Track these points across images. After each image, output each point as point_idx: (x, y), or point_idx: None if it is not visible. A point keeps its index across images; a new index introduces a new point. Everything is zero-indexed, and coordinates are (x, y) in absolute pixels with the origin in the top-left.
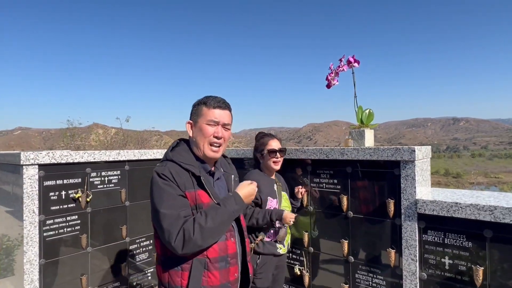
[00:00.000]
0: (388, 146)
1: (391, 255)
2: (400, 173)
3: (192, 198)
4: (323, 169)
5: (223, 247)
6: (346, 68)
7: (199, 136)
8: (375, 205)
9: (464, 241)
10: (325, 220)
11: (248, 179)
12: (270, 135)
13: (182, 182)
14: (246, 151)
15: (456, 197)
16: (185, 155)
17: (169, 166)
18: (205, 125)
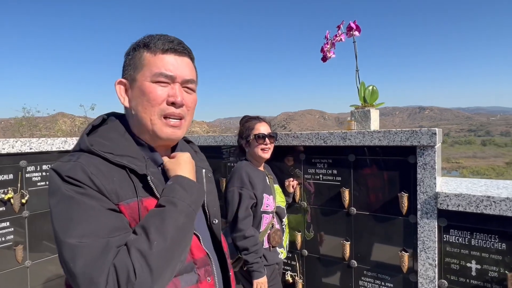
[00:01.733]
0: (402, 129)
1: (403, 259)
2: (416, 161)
3: (132, 213)
4: (320, 158)
5: None
6: (344, 37)
7: (141, 105)
8: (384, 200)
9: (496, 242)
10: (322, 218)
11: (237, 173)
12: (257, 118)
13: (112, 188)
14: (225, 137)
15: (482, 188)
16: (116, 140)
17: (84, 162)
18: (150, 84)
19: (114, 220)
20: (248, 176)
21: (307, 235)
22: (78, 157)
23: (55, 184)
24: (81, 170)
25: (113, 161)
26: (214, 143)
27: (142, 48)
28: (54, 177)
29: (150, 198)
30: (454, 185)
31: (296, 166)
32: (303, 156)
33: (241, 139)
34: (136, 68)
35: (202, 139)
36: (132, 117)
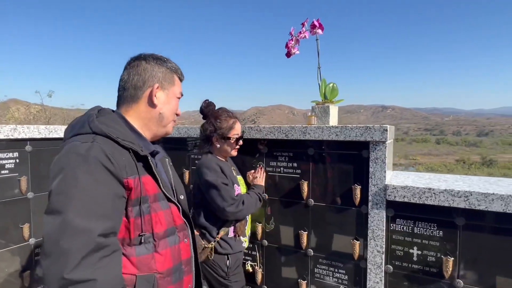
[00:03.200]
0: (357, 125)
1: (355, 247)
2: (369, 156)
3: (135, 187)
4: (281, 151)
5: (176, 252)
6: (308, 34)
7: (168, 110)
8: (340, 192)
9: (434, 230)
10: (282, 209)
11: (206, 166)
12: (233, 116)
13: (123, 165)
14: (189, 129)
15: (426, 181)
16: (119, 128)
17: (100, 143)
18: (176, 99)
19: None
20: (221, 168)
21: (267, 226)
22: (94, 138)
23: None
24: (101, 151)
25: (122, 144)
26: (178, 135)
27: (174, 72)
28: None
29: (147, 176)
30: (402, 178)
31: (258, 159)
32: (265, 150)
33: (216, 134)
34: (170, 83)
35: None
36: (153, 115)
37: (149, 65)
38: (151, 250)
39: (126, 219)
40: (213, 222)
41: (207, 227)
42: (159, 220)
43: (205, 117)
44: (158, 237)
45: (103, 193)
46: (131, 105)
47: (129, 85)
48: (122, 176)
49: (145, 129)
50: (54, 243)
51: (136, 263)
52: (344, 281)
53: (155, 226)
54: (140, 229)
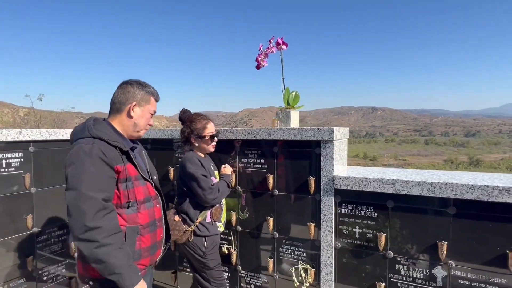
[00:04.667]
0: (311, 127)
1: (311, 229)
2: (320, 152)
3: (122, 171)
4: (251, 150)
5: (152, 213)
6: (275, 50)
7: (141, 121)
8: (299, 183)
9: (371, 212)
10: (252, 199)
11: (189, 160)
12: (205, 117)
13: (113, 157)
14: (173, 131)
15: (367, 173)
16: (108, 133)
17: (98, 143)
18: (149, 114)
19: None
20: (200, 162)
21: (241, 215)
22: (94, 141)
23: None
24: (98, 149)
25: (111, 143)
26: (163, 136)
27: (151, 95)
28: (83, 150)
29: (129, 164)
30: (352, 171)
31: (233, 157)
32: (238, 148)
33: (193, 135)
34: (146, 102)
35: (152, 133)
36: (129, 123)
37: (132, 88)
38: (135, 210)
39: (118, 191)
40: (193, 209)
41: (188, 213)
42: (139, 192)
43: (183, 122)
44: (139, 203)
45: (102, 175)
46: (116, 115)
47: (116, 100)
48: (113, 164)
49: (124, 132)
50: (75, 207)
51: (126, 218)
52: (302, 258)
53: (137, 196)
54: (127, 198)
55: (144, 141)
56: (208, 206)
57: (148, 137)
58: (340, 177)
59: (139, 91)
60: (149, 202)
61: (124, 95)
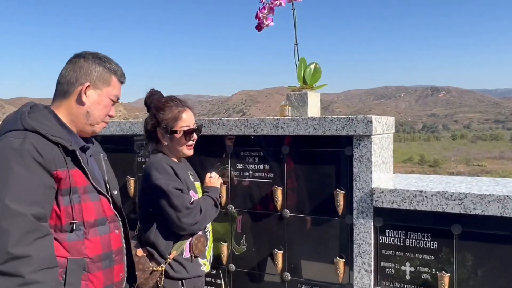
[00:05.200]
0: (339, 116)
1: (339, 267)
2: (352, 153)
3: (64, 178)
4: (250, 150)
5: (107, 241)
6: (284, 1)
7: (97, 110)
8: (320, 199)
9: (429, 241)
10: (252, 224)
11: (155, 167)
12: (180, 103)
13: (52, 158)
14: (134, 125)
15: (422, 184)
16: (49, 124)
17: (32, 139)
18: (109, 101)
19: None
20: (172, 169)
21: (236, 248)
22: (26, 135)
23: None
24: (31, 146)
25: (51, 139)
26: (119, 131)
27: (112, 72)
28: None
29: (75, 169)
30: (400, 180)
31: (222, 161)
32: (231, 149)
33: (160, 128)
34: (104, 84)
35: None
36: (79, 112)
37: (86, 63)
38: (81, 236)
39: (57, 207)
40: (164, 239)
41: (156, 245)
42: (89, 209)
43: (148, 109)
44: (88, 225)
45: (35, 183)
46: (62, 100)
47: (63, 80)
48: (51, 168)
49: (72, 125)
50: None
51: (67, 247)
52: None
53: (85, 215)
54: (71, 217)
55: None
56: (186, 235)
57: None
58: (382, 190)
59: (95, 67)
60: (103, 225)
61: (74, 72)
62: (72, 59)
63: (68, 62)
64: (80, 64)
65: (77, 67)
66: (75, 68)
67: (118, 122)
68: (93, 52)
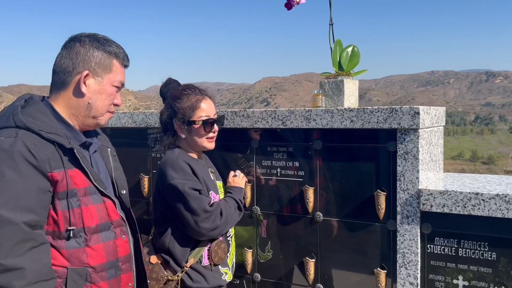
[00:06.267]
0: (379, 107)
1: (380, 279)
2: (396, 149)
3: (61, 180)
4: (278, 145)
5: (112, 248)
6: None
7: (99, 100)
8: (358, 201)
9: (485, 251)
10: (279, 228)
11: (171, 165)
12: (199, 91)
13: (46, 158)
14: (147, 116)
15: (478, 185)
16: (45, 120)
17: (23, 137)
18: (112, 88)
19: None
20: (190, 167)
21: (261, 255)
22: (18, 133)
23: None
24: (23, 145)
25: (45, 137)
26: (132, 123)
27: (113, 56)
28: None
29: (74, 169)
30: (451, 180)
31: (247, 157)
32: (256, 143)
33: (177, 120)
34: (105, 70)
35: (113, 119)
36: (79, 105)
37: (83, 48)
38: (82, 244)
39: (54, 212)
40: (181, 245)
41: (172, 252)
42: (90, 214)
43: (164, 99)
44: (89, 232)
45: (27, 187)
46: (59, 92)
47: (59, 69)
48: (46, 169)
49: (73, 119)
50: None
51: (67, 256)
52: None
53: (86, 220)
54: (68, 223)
55: None
56: (205, 241)
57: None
58: (431, 191)
59: (93, 52)
60: (107, 231)
61: (70, 59)
62: (67, 44)
63: (63, 48)
64: (76, 49)
65: (73, 53)
66: (71, 55)
67: (130, 113)
68: (90, 34)
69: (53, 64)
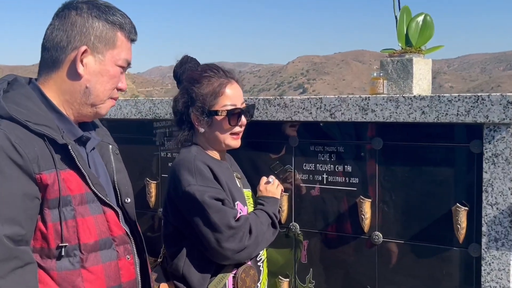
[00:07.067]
0: (461, 94)
1: None
2: (482, 151)
3: (51, 184)
4: (324, 144)
5: (114, 271)
6: None
7: (100, 82)
8: (429, 219)
9: None
10: (323, 251)
11: (187, 167)
12: (223, 73)
13: (34, 157)
14: (156, 105)
15: None
16: (32, 108)
17: (6, 129)
18: (116, 68)
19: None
20: (211, 170)
21: (300, 286)
22: (0, 125)
23: None
24: (6, 139)
25: (33, 129)
26: (136, 114)
27: (117, 28)
28: None
29: (67, 170)
30: None
31: (283, 159)
32: (295, 141)
33: (194, 108)
34: (107, 45)
35: (114, 107)
36: (75, 86)
37: (80, 17)
38: (76, 265)
39: (43, 225)
40: (199, 270)
41: (187, 279)
42: (87, 227)
43: (179, 82)
44: (86, 250)
45: (10, 192)
46: (50, 73)
47: (50, 44)
48: (34, 171)
49: (66, 107)
50: None
51: (57, 279)
52: None
53: (82, 235)
54: (60, 238)
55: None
56: (230, 266)
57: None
58: None
59: (93, 22)
60: (108, 249)
61: (65, 32)
62: (59, 13)
63: (54, 17)
64: (71, 19)
65: (68, 24)
66: (65, 26)
67: (134, 100)
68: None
69: (43, 37)
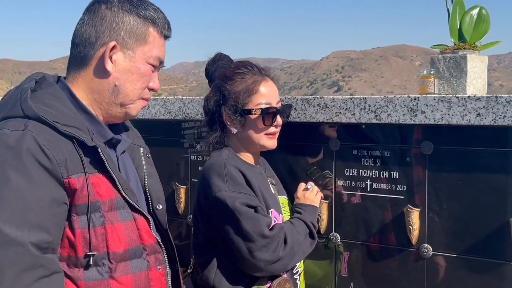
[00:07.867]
0: None
1: None
2: None
3: (80, 189)
4: (368, 148)
5: (144, 283)
6: None
7: (129, 81)
8: (484, 231)
9: None
10: (366, 264)
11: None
12: (258, 71)
13: (63, 160)
14: (186, 104)
15: None
16: (61, 108)
17: (34, 131)
18: (147, 66)
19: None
20: (243, 175)
21: None
22: (27, 126)
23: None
24: (34, 142)
25: (62, 131)
26: (165, 114)
27: (149, 23)
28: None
29: (97, 174)
30: None
31: (322, 164)
32: (336, 144)
33: (226, 107)
34: (138, 41)
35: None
36: (104, 85)
37: (110, 11)
38: (105, 275)
39: (70, 232)
40: (230, 282)
41: None
42: (117, 235)
43: (211, 81)
44: (115, 259)
45: (38, 197)
46: (79, 71)
47: (79, 40)
48: (62, 174)
49: (95, 107)
50: None
51: None
52: None
53: (111, 244)
54: (88, 247)
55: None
56: (264, 278)
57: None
58: None
59: (123, 16)
60: (138, 258)
61: (94, 27)
62: (90, 7)
63: (85, 12)
64: (101, 13)
65: (97, 19)
66: (94, 21)
67: (163, 100)
68: None
69: (73, 33)
